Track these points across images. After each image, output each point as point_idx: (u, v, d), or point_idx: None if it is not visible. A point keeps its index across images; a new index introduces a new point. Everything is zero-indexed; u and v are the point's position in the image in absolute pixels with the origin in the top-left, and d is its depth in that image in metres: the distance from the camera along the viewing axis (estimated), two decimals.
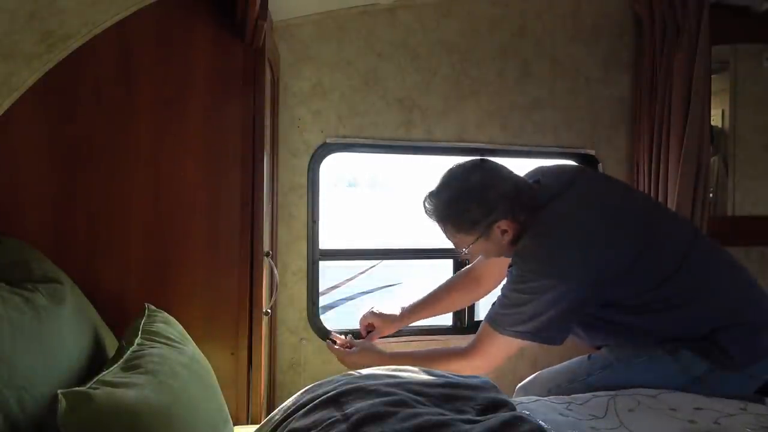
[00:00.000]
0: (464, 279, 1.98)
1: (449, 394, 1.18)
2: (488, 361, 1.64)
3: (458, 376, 1.31)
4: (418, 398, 1.12)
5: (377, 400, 1.07)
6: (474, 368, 1.64)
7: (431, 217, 1.67)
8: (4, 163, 1.38)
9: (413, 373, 1.29)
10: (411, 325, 2.13)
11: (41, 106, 1.39)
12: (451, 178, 1.64)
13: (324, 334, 2.05)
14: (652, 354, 1.57)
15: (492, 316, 1.61)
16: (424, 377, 1.26)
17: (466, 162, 1.66)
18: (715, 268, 1.63)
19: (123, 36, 1.44)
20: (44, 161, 1.40)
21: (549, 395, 1.59)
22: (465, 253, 1.70)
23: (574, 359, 1.72)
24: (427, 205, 1.65)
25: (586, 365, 1.67)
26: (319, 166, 2.06)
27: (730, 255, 1.71)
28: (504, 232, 1.60)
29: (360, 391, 1.12)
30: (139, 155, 1.46)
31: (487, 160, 1.66)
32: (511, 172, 1.65)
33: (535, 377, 1.76)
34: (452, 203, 1.61)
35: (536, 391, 1.67)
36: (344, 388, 1.14)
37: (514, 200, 1.59)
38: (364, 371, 1.32)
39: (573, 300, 1.53)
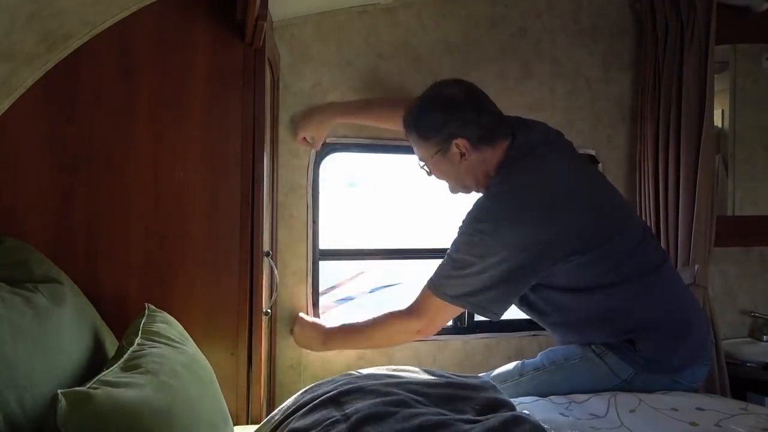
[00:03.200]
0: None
1: (449, 394, 1.18)
2: (429, 325, 1.65)
3: (458, 376, 1.31)
4: (418, 398, 1.12)
5: (377, 400, 1.07)
6: (414, 332, 1.67)
7: (404, 129, 1.69)
8: (4, 163, 1.38)
9: (413, 373, 1.29)
10: None
11: (41, 106, 1.39)
12: (429, 90, 1.66)
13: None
14: (583, 356, 1.58)
15: (434, 281, 1.60)
16: (425, 377, 1.26)
17: (456, 78, 1.66)
18: (654, 271, 1.59)
19: (123, 36, 1.44)
20: (44, 161, 1.40)
21: None
22: (426, 172, 1.70)
23: (512, 363, 1.72)
24: (404, 115, 1.67)
25: (519, 367, 1.67)
26: (319, 167, 2.06)
27: (668, 258, 1.69)
28: (462, 155, 1.58)
29: (360, 391, 1.12)
30: (139, 155, 1.46)
31: (474, 86, 1.64)
32: (494, 106, 1.63)
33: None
34: (422, 109, 1.63)
35: None
36: (344, 388, 1.14)
37: (483, 128, 1.57)
38: (364, 371, 1.32)
39: (519, 272, 1.50)
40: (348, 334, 1.83)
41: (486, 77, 2.20)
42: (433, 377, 1.27)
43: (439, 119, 1.59)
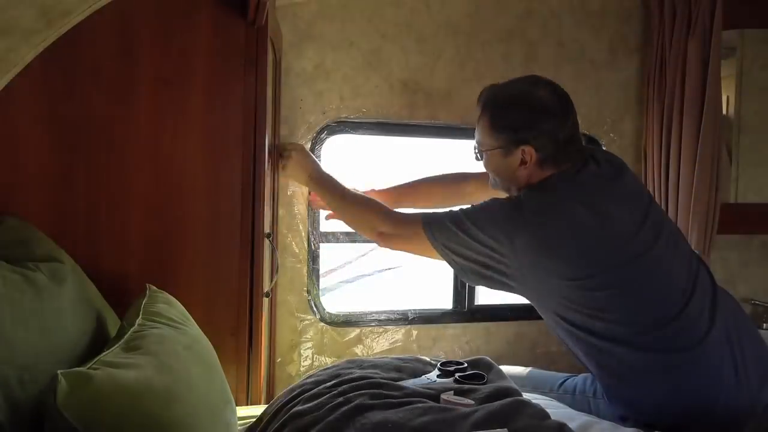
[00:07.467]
0: (453, 184, 1.94)
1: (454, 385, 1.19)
2: (393, 239, 1.63)
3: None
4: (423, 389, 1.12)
5: (382, 391, 1.08)
6: (377, 233, 1.66)
7: (479, 101, 1.58)
8: (4, 142, 1.36)
9: (420, 363, 1.29)
10: (407, 308, 2.14)
11: (40, 83, 1.37)
12: (525, 81, 1.56)
13: (325, 319, 2.06)
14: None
15: (432, 218, 1.54)
16: (430, 368, 1.27)
17: (552, 81, 1.55)
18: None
19: (123, 12, 1.42)
20: (44, 140, 1.39)
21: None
22: (478, 157, 1.60)
23: (559, 374, 1.68)
24: (485, 89, 1.58)
25: (554, 379, 1.64)
26: (321, 148, 2.05)
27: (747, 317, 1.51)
28: (524, 163, 1.48)
29: (364, 379, 1.12)
30: (140, 134, 1.44)
31: (568, 97, 1.52)
32: (577, 126, 1.52)
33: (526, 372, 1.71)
34: (506, 98, 1.52)
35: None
36: (348, 376, 1.14)
37: (559, 147, 1.46)
38: (369, 359, 1.32)
39: (502, 271, 1.44)
40: (331, 189, 1.78)
41: (491, 59, 2.18)
42: (439, 369, 1.28)
43: (518, 120, 1.48)
